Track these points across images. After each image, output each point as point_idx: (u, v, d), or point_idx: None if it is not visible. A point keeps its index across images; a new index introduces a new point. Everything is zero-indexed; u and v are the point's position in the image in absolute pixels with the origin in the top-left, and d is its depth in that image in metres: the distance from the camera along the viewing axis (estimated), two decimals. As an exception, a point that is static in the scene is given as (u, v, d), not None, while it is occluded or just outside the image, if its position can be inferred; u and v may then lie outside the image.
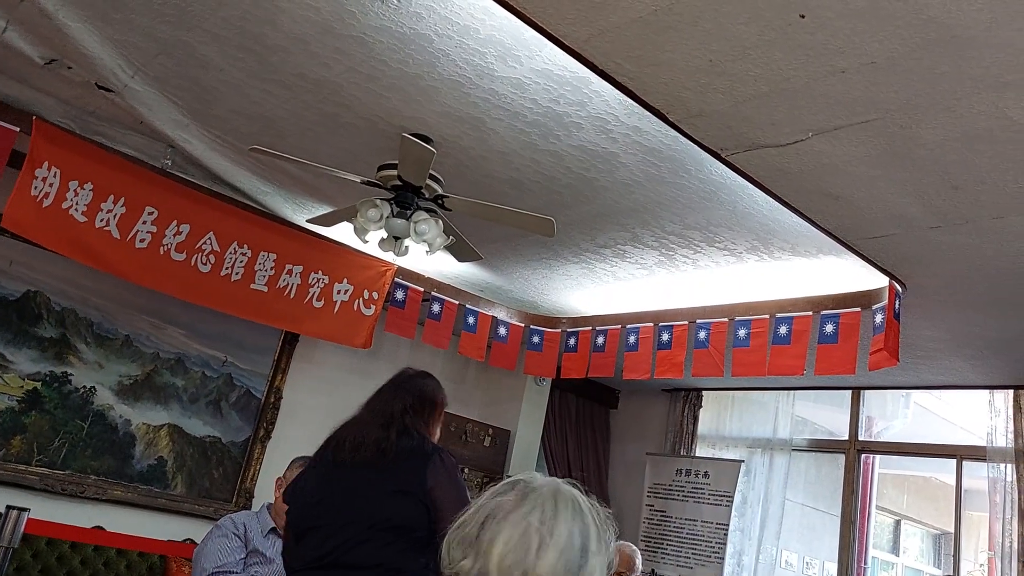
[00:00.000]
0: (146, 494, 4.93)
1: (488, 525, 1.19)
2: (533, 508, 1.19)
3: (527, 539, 1.16)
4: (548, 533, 1.17)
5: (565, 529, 1.18)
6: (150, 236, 4.29)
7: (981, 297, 3.88)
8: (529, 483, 1.24)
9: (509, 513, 1.19)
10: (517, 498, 1.21)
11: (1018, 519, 4.95)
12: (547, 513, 1.19)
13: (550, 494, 1.22)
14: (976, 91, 2.36)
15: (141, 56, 3.39)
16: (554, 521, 1.18)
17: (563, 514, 1.19)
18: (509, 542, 1.16)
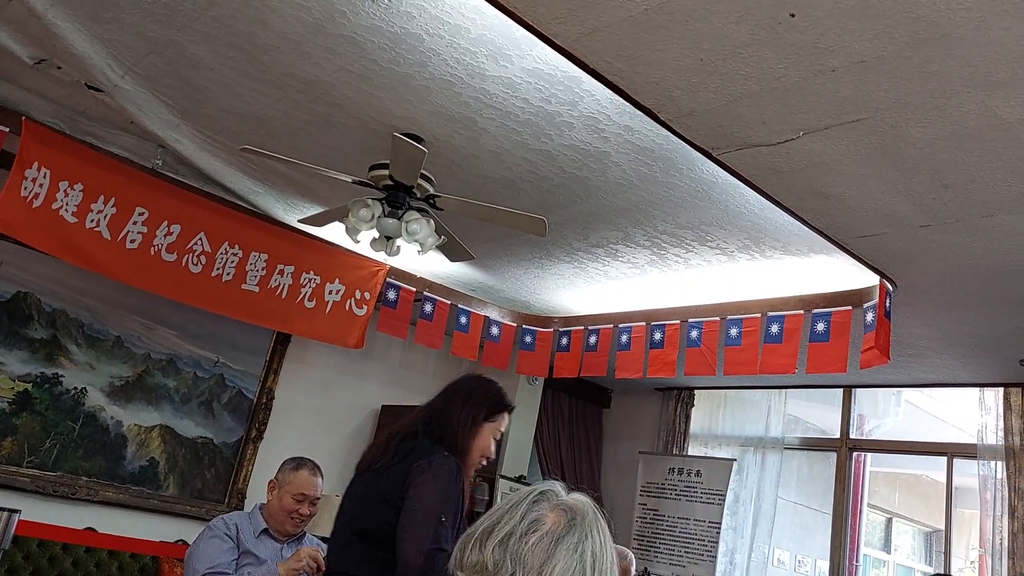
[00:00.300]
0: (138, 495, 4.91)
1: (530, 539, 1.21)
2: (584, 539, 1.23)
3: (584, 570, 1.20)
4: (602, 566, 1.22)
5: (609, 560, 1.24)
6: (141, 236, 4.28)
7: (971, 295, 3.90)
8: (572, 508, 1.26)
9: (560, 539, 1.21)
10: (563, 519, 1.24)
11: (1008, 516, 4.98)
12: (597, 543, 1.23)
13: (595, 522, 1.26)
14: (965, 90, 2.37)
15: (131, 55, 3.38)
16: (603, 553, 1.23)
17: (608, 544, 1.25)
18: (567, 573, 1.19)
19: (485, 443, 2.42)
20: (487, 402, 2.44)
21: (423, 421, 2.43)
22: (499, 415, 2.46)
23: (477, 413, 2.41)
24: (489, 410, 2.43)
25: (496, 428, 2.44)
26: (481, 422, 2.41)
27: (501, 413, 2.47)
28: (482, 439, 2.41)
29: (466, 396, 2.44)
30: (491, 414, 2.44)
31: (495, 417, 2.45)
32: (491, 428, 2.43)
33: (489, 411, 2.43)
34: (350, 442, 6.03)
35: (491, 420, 2.43)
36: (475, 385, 2.50)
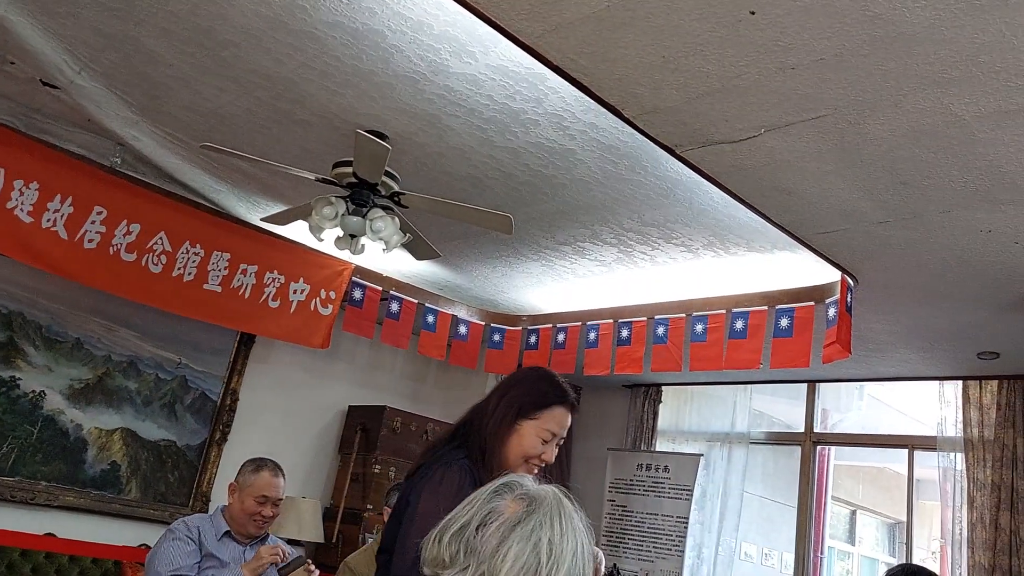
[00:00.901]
0: (99, 499, 4.83)
1: (488, 530, 1.18)
2: (542, 524, 1.18)
3: (538, 557, 1.15)
4: (559, 554, 1.17)
5: (571, 550, 1.18)
6: (99, 236, 4.21)
7: (930, 291, 3.96)
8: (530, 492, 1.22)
9: (516, 525, 1.17)
10: (522, 509, 1.20)
11: (967, 507, 5.07)
12: (555, 531, 1.18)
13: (555, 509, 1.21)
14: (922, 87, 2.41)
15: (88, 51, 3.32)
16: (563, 541, 1.18)
17: (569, 533, 1.19)
18: (519, 558, 1.15)
19: (528, 445, 2.05)
20: (525, 397, 2.09)
21: (460, 423, 2.13)
22: (542, 412, 2.07)
23: (509, 410, 2.06)
24: (526, 406, 2.07)
25: (542, 427, 2.06)
26: (515, 420, 2.06)
27: (545, 409, 2.08)
28: (522, 440, 2.05)
29: (504, 391, 2.11)
30: (530, 411, 2.07)
31: (537, 414, 2.07)
32: (533, 427, 2.06)
33: (526, 407, 2.07)
34: (317, 443, 5.99)
35: (531, 417, 2.06)
36: (519, 378, 2.17)
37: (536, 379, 2.15)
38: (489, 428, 2.04)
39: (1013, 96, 2.38)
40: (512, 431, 2.05)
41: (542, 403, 2.08)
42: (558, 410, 2.09)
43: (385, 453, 5.77)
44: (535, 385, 2.12)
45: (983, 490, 5.00)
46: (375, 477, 5.68)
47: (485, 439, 2.03)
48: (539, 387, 2.11)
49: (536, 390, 2.10)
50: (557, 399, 2.09)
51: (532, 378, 2.15)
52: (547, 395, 2.09)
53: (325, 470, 6.01)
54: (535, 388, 2.11)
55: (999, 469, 4.97)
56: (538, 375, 2.18)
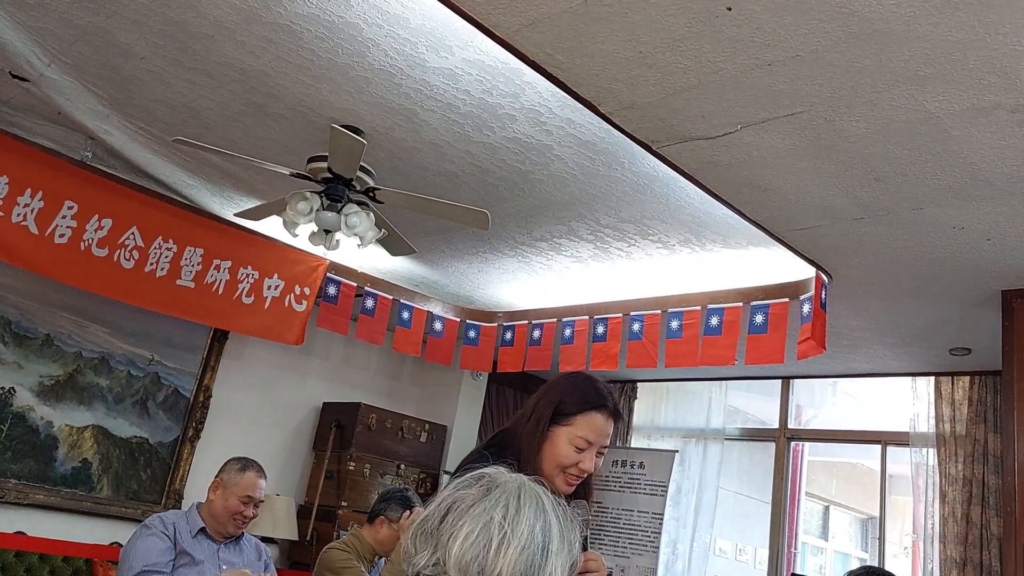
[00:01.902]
0: (70, 497, 4.76)
1: (449, 518, 1.17)
2: (496, 503, 1.17)
3: (488, 534, 1.14)
4: (511, 530, 1.14)
5: (528, 527, 1.16)
6: (70, 231, 4.14)
7: (903, 287, 4.00)
8: (494, 478, 1.22)
9: (471, 507, 1.17)
10: (481, 492, 1.19)
11: (939, 501, 5.13)
12: (510, 509, 1.16)
13: (515, 490, 1.19)
14: (896, 84, 2.42)
15: (57, 43, 3.26)
16: (517, 518, 1.16)
17: (526, 511, 1.17)
18: (470, 536, 1.14)
19: (560, 453, 1.92)
20: (559, 401, 1.96)
21: (501, 430, 2.04)
22: (576, 417, 1.94)
23: (543, 416, 1.94)
24: (558, 411, 1.94)
25: (575, 434, 1.92)
26: (547, 427, 1.93)
27: (580, 415, 1.94)
28: (554, 449, 1.92)
29: (540, 396, 1.99)
30: (563, 416, 1.94)
31: (569, 420, 1.93)
32: (566, 433, 1.92)
33: (558, 413, 1.94)
34: (291, 440, 5.94)
35: (563, 423, 1.93)
36: (555, 382, 2.03)
37: (572, 382, 2.02)
38: (524, 436, 1.93)
39: (986, 94, 2.41)
40: (545, 438, 1.93)
41: (577, 408, 1.94)
42: (594, 415, 1.95)
43: (360, 450, 5.74)
44: (570, 388, 1.99)
45: (955, 485, 5.06)
46: (350, 474, 5.65)
47: (520, 447, 1.92)
48: (575, 390, 1.98)
49: (571, 394, 1.97)
50: (593, 404, 1.95)
51: (568, 381, 2.02)
52: (582, 399, 1.96)
53: (299, 467, 5.97)
54: (570, 392, 1.98)
55: (970, 464, 5.04)
56: (575, 378, 2.05)
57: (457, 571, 1.13)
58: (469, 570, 1.12)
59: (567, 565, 1.20)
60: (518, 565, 1.13)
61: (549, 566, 1.16)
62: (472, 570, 1.12)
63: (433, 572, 1.15)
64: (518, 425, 1.96)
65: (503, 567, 1.13)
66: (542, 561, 1.16)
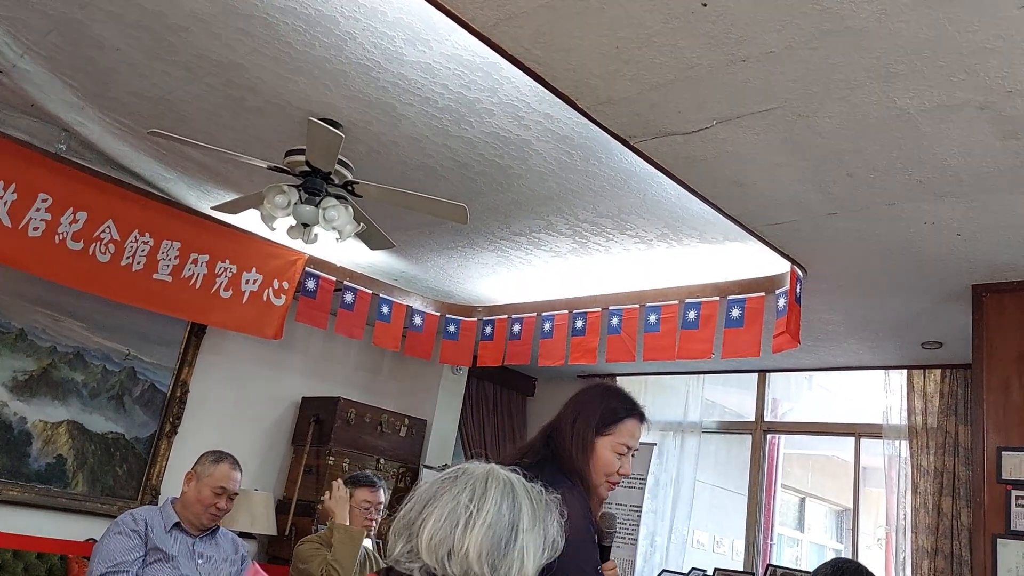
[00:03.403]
0: (44, 494, 4.72)
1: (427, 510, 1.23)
2: (463, 489, 1.22)
3: (455, 516, 1.19)
4: (476, 510, 1.20)
5: (493, 506, 1.21)
6: (44, 224, 4.10)
7: (875, 281, 4.05)
8: (465, 468, 1.27)
9: (441, 495, 1.22)
10: (449, 482, 1.25)
11: (911, 492, 5.21)
12: (476, 491, 1.22)
13: (482, 476, 1.25)
14: (868, 81, 2.46)
15: (31, 34, 3.23)
16: (483, 499, 1.21)
17: (492, 492, 1.22)
18: (438, 521, 1.19)
19: (605, 461, 2.10)
20: (596, 415, 2.14)
21: (535, 443, 2.17)
22: (614, 427, 2.13)
23: (587, 431, 2.11)
24: (600, 423, 2.12)
25: (616, 442, 2.12)
26: (593, 439, 2.11)
27: (618, 424, 2.14)
28: (600, 457, 2.10)
29: (576, 411, 2.16)
30: (604, 427, 2.12)
31: (609, 429, 2.12)
32: (609, 442, 2.11)
33: (601, 424, 2.12)
34: (269, 435, 5.93)
35: (605, 434, 2.12)
36: (588, 397, 2.20)
37: (604, 396, 2.20)
38: (575, 451, 2.08)
39: (956, 90, 2.45)
40: (593, 450, 2.10)
41: (615, 418, 2.13)
42: (630, 423, 2.15)
43: (339, 445, 5.74)
44: (605, 402, 2.16)
45: (926, 476, 5.14)
46: (329, 469, 5.64)
47: (576, 462, 2.07)
48: (609, 403, 2.16)
49: (607, 407, 2.15)
50: (628, 412, 2.16)
51: (600, 395, 2.20)
52: (618, 410, 2.15)
53: (278, 462, 5.96)
54: (606, 405, 2.15)
55: (942, 456, 5.11)
56: (606, 391, 2.24)
57: (428, 554, 1.17)
58: (438, 552, 1.17)
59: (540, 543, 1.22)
60: (484, 541, 1.17)
61: (520, 542, 1.20)
62: (441, 551, 1.17)
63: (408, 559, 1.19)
64: (564, 440, 2.10)
65: (470, 544, 1.17)
66: (510, 536, 1.20)
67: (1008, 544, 3.44)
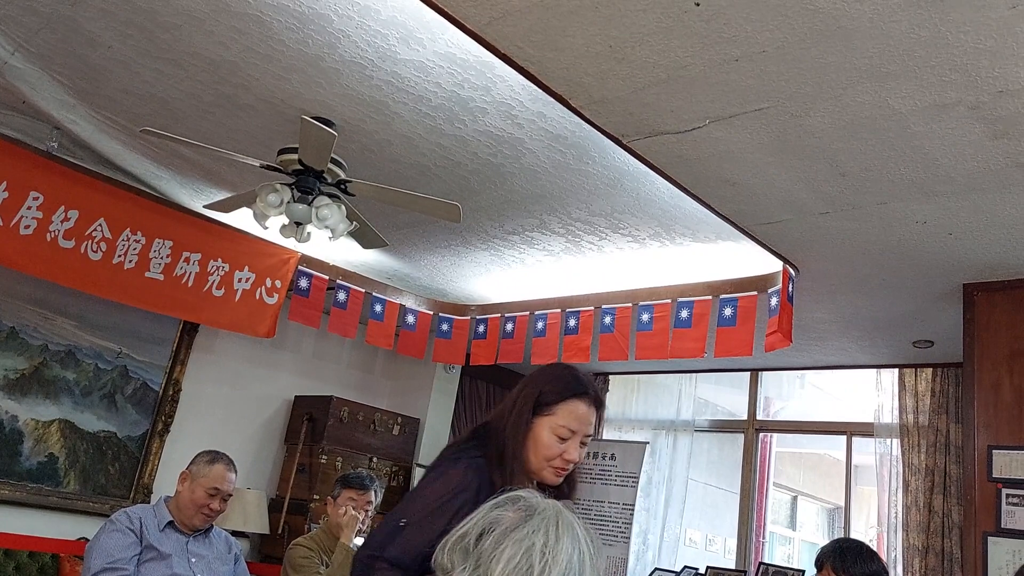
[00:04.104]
0: (36, 492, 4.70)
1: (486, 537, 1.21)
2: (537, 530, 1.21)
3: (530, 560, 1.18)
4: (551, 557, 1.19)
5: (566, 555, 1.21)
6: (35, 222, 4.08)
7: (868, 280, 4.07)
8: (532, 503, 1.26)
9: (511, 530, 1.21)
10: (520, 516, 1.23)
11: (903, 491, 5.23)
12: (551, 536, 1.21)
13: (554, 517, 1.24)
14: (860, 81, 2.47)
15: (22, 31, 3.21)
16: (557, 546, 1.20)
17: (565, 540, 1.22)
18: (512, 560, 1.18)
19: (543, 443, 1.90)
20: (540, 391, 1.94)
21: (482, 423, 2.01)
22: (557, 406, 1.92)
23: (525, 407, 1.92)
24: (540, 402, 1.92)
25: (557, 423, 1.90)
26: (531, 418, 1.91)
27: (561, 403, 1.92)
28: (537, 440, 1.91)
29: (521, 388, 1.97)
30: (545, 406, 1.92)
31: (551, 410, 1.92)
32: (549, 423, 1.91)
33: (540, 403, 1.92)
34: (262, 434, 5.92)
35: (545, 414, 1.92)
36: (535, 374, 2.01)
37: (552, 372, 2.01)
38: (508, 429, 1.90)
39: (947, 90, 2.46)
40: (530, 429, 1.91)
41: (558, 396, 1.93)
42: (576, 404, 1.93)
43: (332, 443, 5.73)
44: (551, 378, 1.97)
45: (917, 474, 5.16)
46: (321, 467, 5.64)
47: (504, 440, 1.89)
48: (554, 380, 1.96)
49: (551, 383, 1.95)
50: (574, 392, 1.94)
51: (548, 372, 2.01)
52: (563, 388, 1.94)
53: (271, 461, 5.95)
54: (551, 381, 1.96)
55: (933, 454, 5.14)
56: (555, 368, 2.04)
57: None
58: None
59: None
60: None
61: None
62: None
63: None
64: (500, 419, 1.93)
65: None
66: None
67: (998, 542, 3.46)
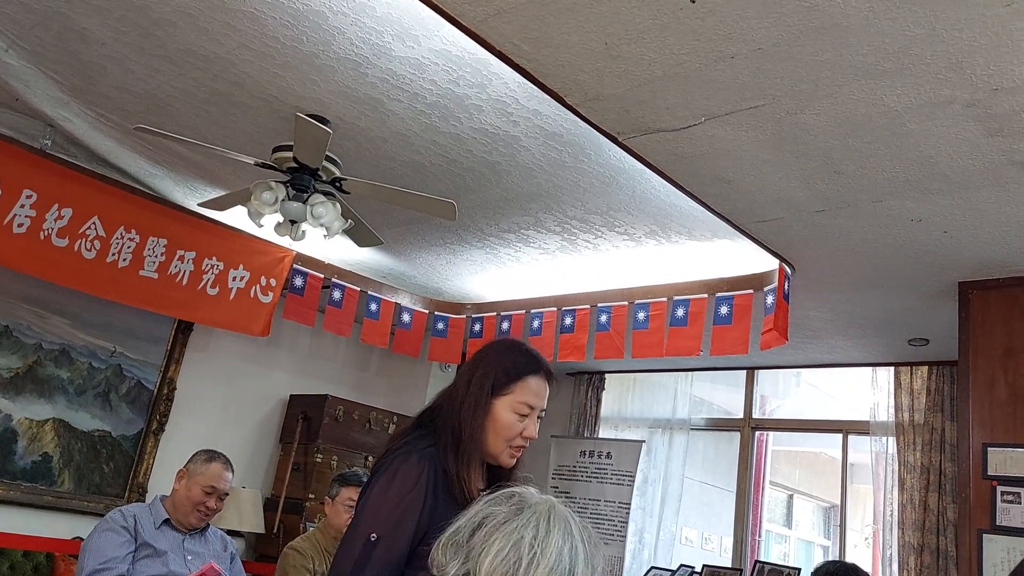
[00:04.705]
0: (30, 492, 4.69)
1: (479, 532, 1.22)
2: (527, 523, 1.22)
3: (519, 553, 1.19)
4: (540, 550, 1.19)
5: (556, 549, 1.21)
6: (29, 221, 4.07)
7: (863, 278, 4.07)
8: (525, 498, 1.27)
9: (502, 524, 1.22)
10: (512, 511, 1.24)
11: (898, 489, 5.23)
12: (541, 530, 1.21)
13: (545, 511, 1.24)
14: (856, 78, 2.46)
15: (15, 28, 3.20)
16: (547, 539, 1.21)
17: (555, 534, 1.22)
18: (500, 553, 1.18)
19: (505, 423, 1.85)
20: (493, 373, 1.87)
21: (426, 409, 1.93)
22: (515, 384, 1.87)
23: (482, 390, 1.85)
24: (498, 382, 1.86)
25: (517, 401, 1.86)
26: (490, 399, 1.85)
27: (518, 381, 1.87)
28: (499, 420, 1.85)
29: (472, 369, 1.89)
30: (502, 385, 1.86)
31: (507, 389, 1.86)
32: (509, 402, 1.86)
33: (498, 383, 1.86)
34: (257, 433, 5.90)
35: (504, 393, 1.86)
36: (485, 353, 1.93)
37: (504, 350, 1.94)
38: (464, 413, 1.83)
39: (942, 88, 2.46)
40: (489, 411, 1.85)
41: (514, 375, 1.87)
42: (532, 380, 1.89)
43: (327, 442, 5.72)
44: (504, 357, 1.90)
45: (913, 472, 5.17)
46: (317, 466, 5.63)
47: (460, 426, 1.82)
48: (508, 359, 1.90)
49: (506, 362, 1.89)
50: (530, 368, 1.90)
51: (499, 350, 1.94)
52: (519, 365, 1.89)
53: (266, 460, 5.94)
54: (504, 360, 1.90)
55: (928, 452, 5.14)
56: (505, 345, 1.97)
57: None
58: None
59: None
60: None
61: None
62: None
63: None
64: (452, 404, 1.87)
65: None
66: None
67: (993, 539, 3.47)
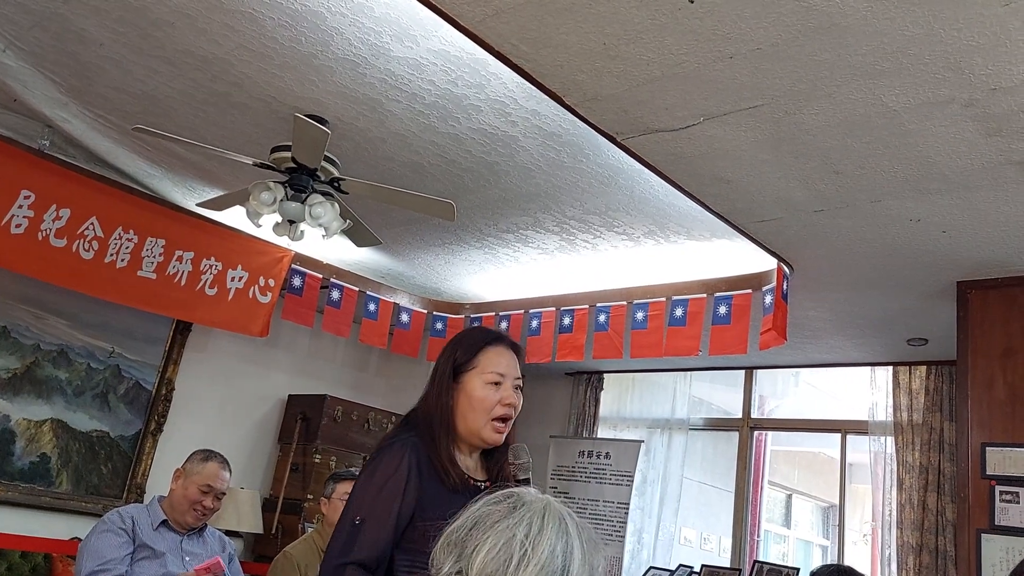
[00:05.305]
0: (28, 492, 4.68)
1: (475, 531, 1.22)
2: (520, 521, 1.21)
3: (510, 550, 1.18)
4: (531, 548, 1.19)
5: (548, 546, 1.20)
6: (27, 221, 4.06)
7: (861, 278, 4.07)
8: (521, 497, 1.26)
9: (496, 523, 1.21)
10: (507, 509, 1.24)
11: (897, 488, 5.24)
12: (533, 528, 1.21)
13: (539, 510, 1.24)
14: (854, 78, 2.46)
15: (13, 29, 3.19)
16: (539, 537, 1.20)
17: (548, 531, 1.22)
18: (492, 551, 1.18)
19: (478, 397, 1.92)
20: (453, 355, 1.95)
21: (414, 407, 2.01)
22: (477, 358, 1.95)
23: (445, 373, 1.94)
24: (459, 359, 1.94)
25: (484, 371, 1.93)
26: (455, 379, 1.94)
27: (479, 354, 1.95)
28: (471, 396, 1.92)
29: (439, 358, 1.99)
30: (465, 362, 1.94)
31: (472, 364, 1.94)
32: (476, 375, 1.93)
33: (460, 361, 1.94)
34: (256, 433, 5.90)
35: (469, 368, 1.94)
36: (446, 345, 2.03)
37: (462, 333, 2.06)
38: (432, 400, 1.92)
39: (940, 88, 2.46)
40: (458, 392, 1.92)
41: (474, 349, 1.95)
42: (492, 349, 1.96)
43: (326, 442, 5.72)
44: (460, 339, 2.01)
45: (912, 472, 5.17)
46: (315, 467, 5.63)
47: (431, 412, 1.91)
48: (464, 339, 2.01)
49: (462, 342, 1.99)
50: (487, 339, 1.98)
51: (458, 335, 2.06)
52: (475, 340, 1.98)
53: (264, 460, 5.93)
54: (460, 341, 2.00)
55: (927, 452, 5.14)
56: (461, 331, 2.10)
57: None
58: None
59: None
60: None
61: None
62: None
63: None
64: (426, 398, 1.95)
65: None
66: None
67: (992, 539, 3.47)
